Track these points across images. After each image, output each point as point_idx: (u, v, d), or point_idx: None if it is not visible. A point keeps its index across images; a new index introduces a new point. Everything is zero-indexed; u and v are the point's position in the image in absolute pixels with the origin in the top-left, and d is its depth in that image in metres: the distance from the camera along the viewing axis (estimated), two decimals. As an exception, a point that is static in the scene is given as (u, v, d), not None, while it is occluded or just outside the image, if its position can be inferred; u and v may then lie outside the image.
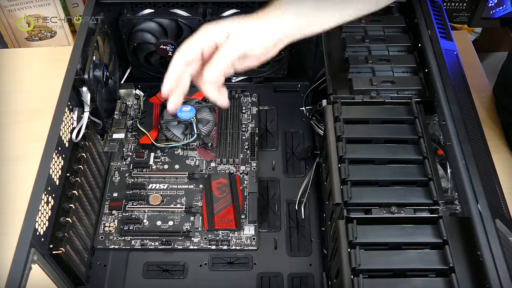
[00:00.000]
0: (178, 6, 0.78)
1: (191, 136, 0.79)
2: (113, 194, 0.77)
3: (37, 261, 0.53)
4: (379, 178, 0.58)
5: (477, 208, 0.54)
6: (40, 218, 0.55)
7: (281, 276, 0.69)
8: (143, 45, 0.82)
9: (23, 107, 0.90)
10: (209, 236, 0.72)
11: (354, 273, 0.51)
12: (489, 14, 0.95)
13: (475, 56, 0.97)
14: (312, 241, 0.73)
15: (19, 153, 0.83)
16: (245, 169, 0.79)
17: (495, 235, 0.51)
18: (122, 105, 0.87)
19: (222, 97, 0.58)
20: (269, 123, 0.87)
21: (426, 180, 0.57)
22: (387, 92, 0.67)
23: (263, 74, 0.88)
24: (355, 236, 0.52)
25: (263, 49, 0.56)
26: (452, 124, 0.61)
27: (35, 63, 0.98)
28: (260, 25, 0.55)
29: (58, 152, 0.61)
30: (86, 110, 0.69)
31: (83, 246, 0.67)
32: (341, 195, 0.56)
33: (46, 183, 0.56)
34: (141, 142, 0.80)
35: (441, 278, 0.50)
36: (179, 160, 0.81)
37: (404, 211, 0.54)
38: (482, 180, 0.56)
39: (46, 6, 0.97)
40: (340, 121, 0.62)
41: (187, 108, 0.79)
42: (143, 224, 0.73)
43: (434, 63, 0.67)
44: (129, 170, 0.79)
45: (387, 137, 0.61)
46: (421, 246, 0.53)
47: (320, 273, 0.69)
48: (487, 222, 0.52)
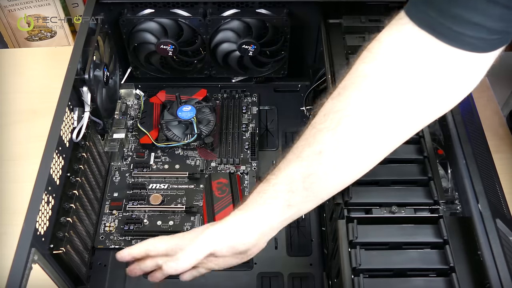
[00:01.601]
0: (179, 6, 0.78)
1: (192, 136, 0.79)
2: (113, 194, 0.77)
3: (38, 261, 0.53)
4: (380, 177, 0.58)
5: (477, 207, 0.54)
6: (40, 218, 0.55)
7: (281, 276, 0.69)
8: (143, 45, 0.82)
9: (23, 107, 0.89)
10: (210, 236, 0.72)
11: (355, 272, 0.51)
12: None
13: (475, 56, 0.97)
14: (313, 241, 0.72)
15: (19, 153, 0.83)
16: (246, 169, 0.79)
17: (495, 235, 0.51)
18: (122, 105, 0.87)
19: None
20: (270, 123, 0.87)
21: (427, 179, 0.57)
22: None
23: (263, 74, 0.88)
24: (356, 236, 0.52)
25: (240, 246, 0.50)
26: (452, 124, 0.61)
27: (35, 63, 0.98)
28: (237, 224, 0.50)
29: (58, 152, 0.61)
30: (87, 110, 0.69)
31: (84, 246, 0.67)
32: (342, 194, 0.56)
33: (47, 183, 0.56)
34: (142, 142, 0.80)
35: (441, 278, 0.50)
36: (180, 160, 0.80)
37: (404, 211, 0.54)
38: (483, 180, 0.56)
39: (46, 6, 0.97)
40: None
41: (188, 108, 0.79)
42: (144, 224, 0.73)
43: (435, 63, 0.67)
44: (130, 170, 0.79)
45: (387, 137, 0.61)
46: (422, 246, 0.53)
47: (321, 273, 0.68)
48: (488, 221, 0.52)
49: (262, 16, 0.78)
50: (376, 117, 0.45)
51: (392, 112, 0.45)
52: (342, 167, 0.48)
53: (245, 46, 0.80)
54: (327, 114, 0.47)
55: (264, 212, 0.50)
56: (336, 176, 0.49)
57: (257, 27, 0.79)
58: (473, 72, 0.45)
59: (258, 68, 0.86)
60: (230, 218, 0.51)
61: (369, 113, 0.45)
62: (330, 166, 0.47)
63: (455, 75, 0.44)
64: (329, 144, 0.46)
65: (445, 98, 0.46)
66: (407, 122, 0.46)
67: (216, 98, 0.88)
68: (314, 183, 0.48)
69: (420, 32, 0.42)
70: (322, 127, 0.47)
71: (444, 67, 0.43)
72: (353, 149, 0.46)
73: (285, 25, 0.79)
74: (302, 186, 0.48)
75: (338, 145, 0.46)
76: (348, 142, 0.46)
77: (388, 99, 0.44)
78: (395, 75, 0.44)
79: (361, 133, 0.46)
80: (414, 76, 0.44)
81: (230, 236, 0.50)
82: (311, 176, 0.47)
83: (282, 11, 0.78)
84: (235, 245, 0.50)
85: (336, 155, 0.46)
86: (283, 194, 0.49)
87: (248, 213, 0.50)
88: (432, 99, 0.45)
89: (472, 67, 0.44)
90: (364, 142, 0.46)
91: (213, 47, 0.82)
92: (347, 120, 0.45)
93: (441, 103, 0.46)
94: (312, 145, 0.47)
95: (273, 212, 0.50)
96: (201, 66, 0.86)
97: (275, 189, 0.49)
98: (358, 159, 0.48)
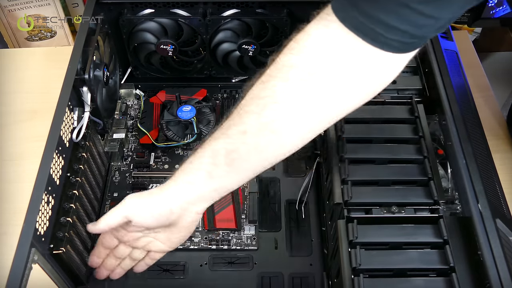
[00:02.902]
0: (178, 6, 0.78)
1: (192, 136, 0.79)
2: (113, 194, 0.77)
3: (38, 261, 0.53)
4: (380, 177, 0.58)
5: (477, 207, 0.54)
6: (40, 218, 0.55)
7: (281, 276, 0.69)
8: (143, 45, 0.82)
9: (23, 107, 0.89)
10: (210, 236, 0.72)
11: (355, 272, 0.51)
12: (489, 14, 0.95)
13: (475, 56, 0.97)
14: (313, 241, 0.72)
15: (19, 153, 0.83)
16: (246, 169, 0.79)
17: (495, 235, 0.51)
18: (122, 105, 0.87)
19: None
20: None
21: (427, 179, 0.57)
22: (387, 92, 0.67)
23: (263, 74, 0.88)
24: (356, 236, 0.52)
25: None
26: (452, 124, 0.61)
27: (35, 63, 0.98)
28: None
29: (58, 152, 0.61)
30: (87, 110, 0.69)
31: (84, 246, 0.67)
32: (342, 194, 0.56)
33: (47, 183, 0.56)
34: (142, 142, 0.80)
35: (441, 278, 0.50)
36: (180, 160, 0.80)
37: (404, 211, 0.55)
38: (483, 180, 0.56)
39: (46, 6, 0.97)
40: (340, 121, 0.62)
41: (188, 108, 0.79)
42: (144, 224, 0.73)
43: (435, 63, 0.67)
44: (130, 170, 0.79)
45: (387, 137, 0.61)
46: (422, 246, 0.53)
47: (321, 273, 0.68)
48: (488, 221, 0.52)
49: (262, 16, 0.78)
50: (299, 106, 0.49)
51: (314, 102, 0.49)
52: (263, 149, 0.51)
53: (245, 46, 0.80)
54: (254, 99, 0.51)
55: (187, 181, 0.53)
56: (257, 157, 0.52)
57: (257, 27, 0.79)
58: (391, 70, 0.49)
59: (258, 68, 0.86)
60: (154, 189, 0.55)
61: (292, 102, 0.49)
62: (252, 146, 0.50)
63: (375, 72, 0.48)
64: (254, 125, 0.50)
65: (363, 91, 0.50)
66: (328, 112, 0.50)
67: (216, 98, 0.88)
68: (236, 159, 0.51)
69: (344, 31, 0.46)
70: (248, 110, 0.50)
71: (364, 64, 0.47)
72: (275, 134, 0.50)
73: (285, 25, 0.79)
74: (224, 161, 0.51)
75: (262, 128, 0.50)
76: (271, 126, 0.49)
77: (312, 90, 0.48)
78: (319, 68, 0.47)
79: (283, 119, 0.49)
80: (337, 71, 0.47)
81: (148, 202, 0.54)
82: (233, 152, 0.51)
83: (282, 11, 0.78)
84: (155, 211, 0.53)
85: (259, 137, 0.50)
86: (207, 166, 0.52)
87: (170, 182, 0.54)
88: (352, 91, 0.49)
89: (389, 65, 0.48)
90: (285, 127, 0.50)
91: (213, 47, 0.82)
92: (272, 106, 0.49)
93: (360, 95, 0.50)
94: (238, 125, 0.51)
95: (196, 181, 0.53)
96: (201, 66, 0.86)
97: (200, 161, 0.52)
98: (278, 143, 0.51)
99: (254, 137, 0.50)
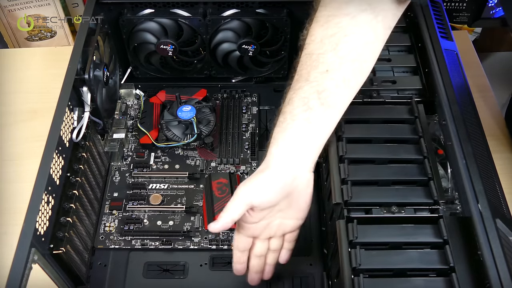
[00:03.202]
0: (178, 6, 0.78)
1: (192, 136, 0.79)
2: (113, 194, 0.77)
3: (38, 261, 0.53)
4: (379, 177, 0.58)
5: (477, 207, 0.54)
6: (40, 218, 0.55)
7: (281, 276, 0.69)
8: (143, 45, 0.82)
9: (23, 107, 0.90)
10: (210, 236, 0.72)
11: (355, 272, 0.51)
12: (489, 14, 0.95)
13: (475, 56, 0.97)
14: (312, 241, 0.72)
15: (19, 153, 0.83)
16: (246, 169, 0.79)
17: (495, 235, 0.51)
18: (122, 105, 0.87)
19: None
20: (270, 123, 0.86)
21: (427, 179, 0.57)
22: (387, 92, 0.67)
23: (263, 74, 0.88)
24: (356, 236, 0.52)
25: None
26: (452, 124, 0.61)
27: (35, 63, 0.98)
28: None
29: (58, 152, 0.61)
30: (87, 110, 0.69)
31: (84, 246, 0.67)
32: (341, 194, 0.56)
33: (47, 183, 0.56)
34: (142, 142, 0.80)
35: (441, 278, 0.50)
36: (180, 160, 0.80)
37: (404, 211, 0.54)
38: (483, 180, 0.56)
39: (46, 6, 0.97)
40: (340, 121, 0.62)
41: (188, 108, 0.79)
42: (144, 224, 0.73)
43: (435, 63, 0.67)
44: (130, 170, 0.79)
45: (387, 137, 0.61)
46: (422, 246, 0.53)
47: (321, 273, 0.68)
48: (488, 221, 0.52)
49: (262, 16, 0.78)
50: (366, 33, 0.55)
51: (376, 25, 0.56)
52: (350, 79, 0.55)
53: (245, 46, 0.80)
54: (323, 40, 0.55)
55: (288, 140, 0.54)
56: (346, 88, 0.55)
57: (257, 27, 0.79)
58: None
59: (258, 68, 0.86)
60: (258, 168, 0.56)
61: (359, 31, 0.54)
62: (340, 79, 0.54)
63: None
64: (334, 62, 0.54)
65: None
66: (387, 27, 0.58)
67: (216, 98, 0.88)
68: (328, 97, 0.54)
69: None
70: (322, 51, 0.55)
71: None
72: (356, 62, 0.55)
73: (285, 25, 0.79)
74: (318, 102, 0.54)
75: (342, 62, 0.54)
76: (350, 57, 0.54)
77: (371, 17, 0.55)
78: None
79: (358, 48, 0.55)
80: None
81: (263, 178, 0.54)
82: (324, 92, 0.54)
83: (282, 11, 0.78)
84: (273, 183, 0.54)
85: (342, 70, 0.54)
86: (302, 114, 0.54)
87: (272, 151, 0.55)
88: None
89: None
90: (362, 55, 0.55)
91: (213, 47, 0.82)
92: (344, 39, 0.54)
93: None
94: (316, 68, 0.54)
95: (296, 134, 0.54)
96: (201, 66, 0.86)
97: (292, 115, 0.55)
98: (360, 70, 0.56)
99: (338, 71, 0.54)
